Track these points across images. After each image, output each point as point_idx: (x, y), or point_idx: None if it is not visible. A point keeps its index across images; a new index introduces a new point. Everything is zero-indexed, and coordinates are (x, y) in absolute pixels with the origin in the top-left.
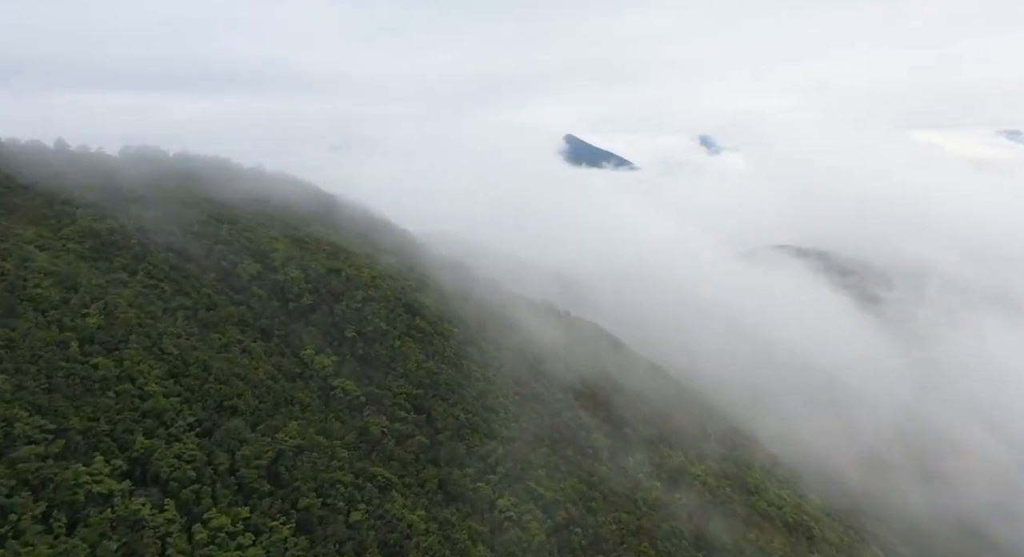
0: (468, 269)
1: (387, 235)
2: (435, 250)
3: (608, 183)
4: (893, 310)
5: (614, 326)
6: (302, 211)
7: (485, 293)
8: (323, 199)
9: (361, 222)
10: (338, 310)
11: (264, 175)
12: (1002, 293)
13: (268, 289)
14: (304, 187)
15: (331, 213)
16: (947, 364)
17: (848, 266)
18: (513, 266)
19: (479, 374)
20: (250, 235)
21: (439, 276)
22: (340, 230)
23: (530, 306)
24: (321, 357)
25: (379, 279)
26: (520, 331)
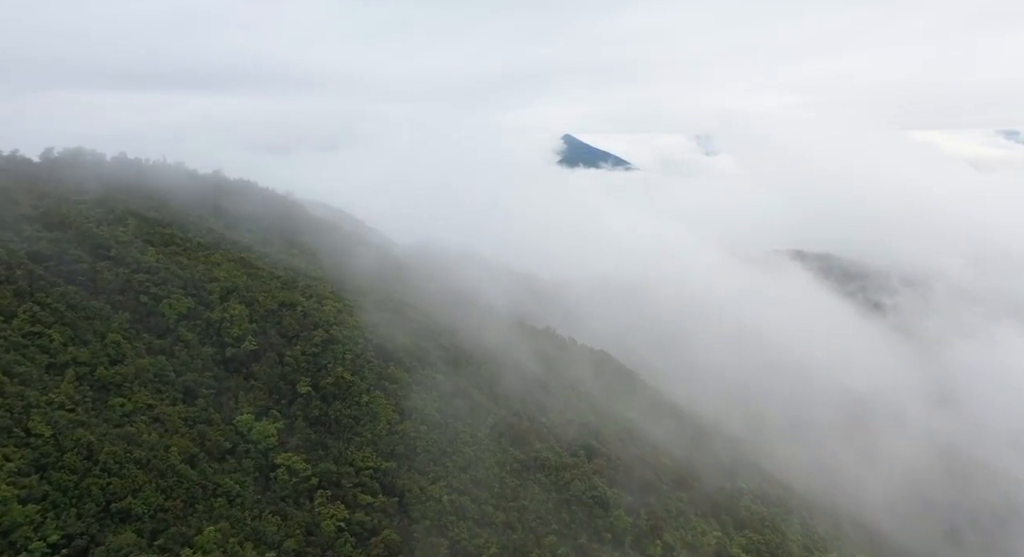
0: (455, 290)
1: (364, 253)
2: (419, 266)
3: (605, 185)
4: (900, 318)
5: (612, 342)
6: (261, 226)
7: (476, 320)
8: (290, 212)
9: (335, 238)
10: (290, 357)
11: (222, 183)
12: (1010, 299)
13: (200, 332)
14: (268, 197)
15: (298, 228)
16: (963, 377)
17: (851, 271)
18: (505, 279)
19: (468, 435)
20: (185, 259)
21: (421, 302)
22: (305, 249)
23: (529, 333)
24: (263, 424)
25: (345, 313)
26: (519, 370)
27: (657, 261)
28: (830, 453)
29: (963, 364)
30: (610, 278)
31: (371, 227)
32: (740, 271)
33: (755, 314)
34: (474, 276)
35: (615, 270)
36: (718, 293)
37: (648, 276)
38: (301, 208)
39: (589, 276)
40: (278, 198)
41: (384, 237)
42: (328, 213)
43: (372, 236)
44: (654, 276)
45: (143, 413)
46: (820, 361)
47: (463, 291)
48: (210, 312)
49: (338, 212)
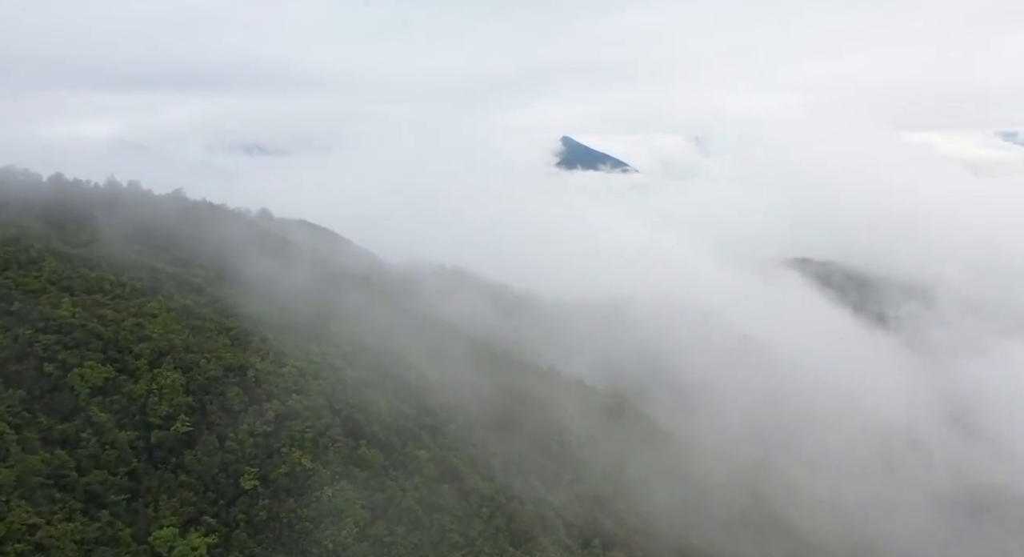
0: (444, 323)
1: (342, 289)
2: (406, 292)
3: (604, 188)
4: (905, 332)
5: (611, 366)
6: (219, 261)
7: (468, 364)
8: (262, 240)
9: (311, 272)
10: (233, 441)
11: (184, 208)
12: (1017, 313)
13: (119, 410)
14: (237, 222)
15: (266, 263)
16: (976, 396)
17: (853, 280)
18: (499, 304)
19: (458, 534)
20: (112, 311)
21: (405, 346)
22: (272, 288)
23: (528, 374)
24: (190, 538)
25: (310, 376)
26: (517, 428)
27: (655, 274)
28: (851, 489)
29: (975, 382)
30: (609, 296)
31: (359, 247)
32: (741, 282)
33: (758, 330)
34: (465, 301)
35: (613, 286)
36: (718, 307)
37: (645, 291)
38: (276, 236)
39: (587, 294)
40: (249, 224)
41: (371, 259)
42: (309, 237)
43: (358, 261)
44: (652, 291)
45: (19, 539)
46: (829, 382)
47: (453, 324)
48: (134, 383)
49: (322, 233)
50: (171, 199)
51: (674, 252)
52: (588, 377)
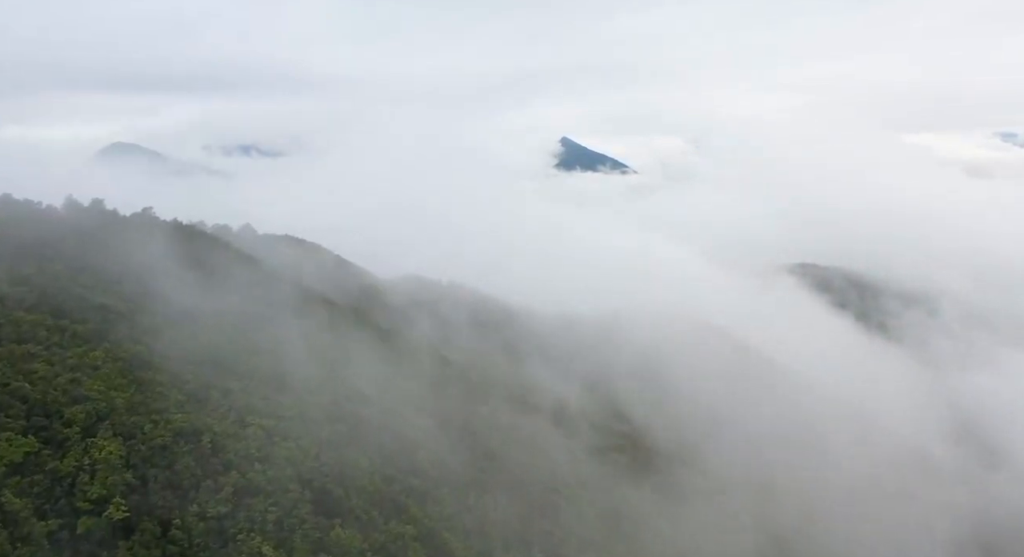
0: (436, 353)
1: (319, 323)
2: (396, 316)
3: (602, 191)
4: (910, 343)
5: (605, 387)
6: (184, 296)
7: (462, 404)
8: (228, 268)
9: (290, 295)
10: (180, 530)
11: (156, 228)
12: (1021, 324)
13: (39, 494)
14: (214, 246)
15: (235, 294)
16: (986, 412)
17: (855, 286)
18: (498, 324)
19: None
20: (44, 364)
21: (393, 392)
22: (238, 325)
23: (535, 411)
24: None
25: (277, 439)
26: (522, 491)
27: (653, 283)
28: (869, 521)
29: (985, 397)
30: (606, 308)
31: (349, 263)
32: (742, 291)
33: (762, 342)
34: (459, 322)
35: (611, 297)
36: (718, 318)
37: (643, 301)
38: (253, 258)
39: (584, 306)
40: (225, 248)
41: (360, 278)
42: (294, 256)
43: (345, 282)
44: (650, 301)
45: None
46: (837, 398)
47: (446, 351)
48: (61, 458)
49: (309, 250)
50: (142, 220)
51: (672, 259)
52: (585, 400)
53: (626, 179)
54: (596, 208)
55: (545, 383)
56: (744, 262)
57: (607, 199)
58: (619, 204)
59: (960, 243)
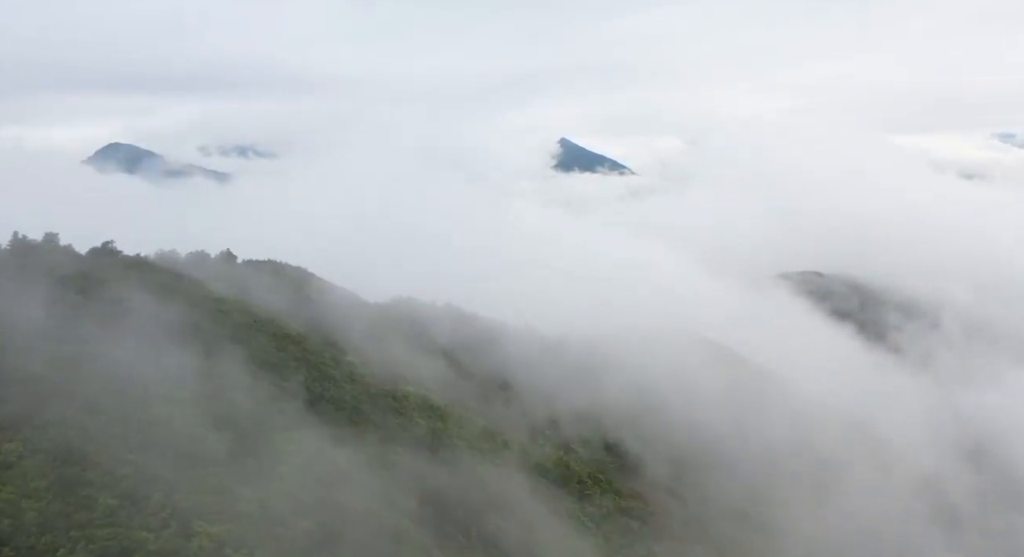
0: (428, 401)
1: (301, 373)
2: (385, 364)
3: (599, 193)
4: (913, 354)
5: (598, 415)
6: (124, 344)
7: (451, 468)
8: (197, 305)
9: (262, 345)
10: None
11: (102, 265)
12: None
13: None
14: (174, 286)
15: (191, 343)
16: (999, 433)
17: (857, 294)
18: (501, 356)
19: None
20: None
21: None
22: (205, 391)
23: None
24: None
25: (231, 548)
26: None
27: (649, 296)
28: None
29: (995, 417)
30: (600, 326)
31: (337, 289)
32: (741, 302)
33: (764, 359)
34: (457, 346)
35: (605, 313)
36: (715, 332)
37: (639, 316)
38: (223, 302)
39: (577, 324)
40: (194, 288)
41: (347, 308)
42: (274, 286)
43: (330, 319)
44: (646, 315)
45: None
46: (847, 421)
47: (439, 399)
48: None
49: (293, 277)
50: (96, 253)
51: (669, 269)
52: (575, 430)
53: (625, 180)
54: (593, 212)
55: (531, 418)
56: (742, 269)
57: (605, 201)
58: (617, 207)
59: (963, 249)
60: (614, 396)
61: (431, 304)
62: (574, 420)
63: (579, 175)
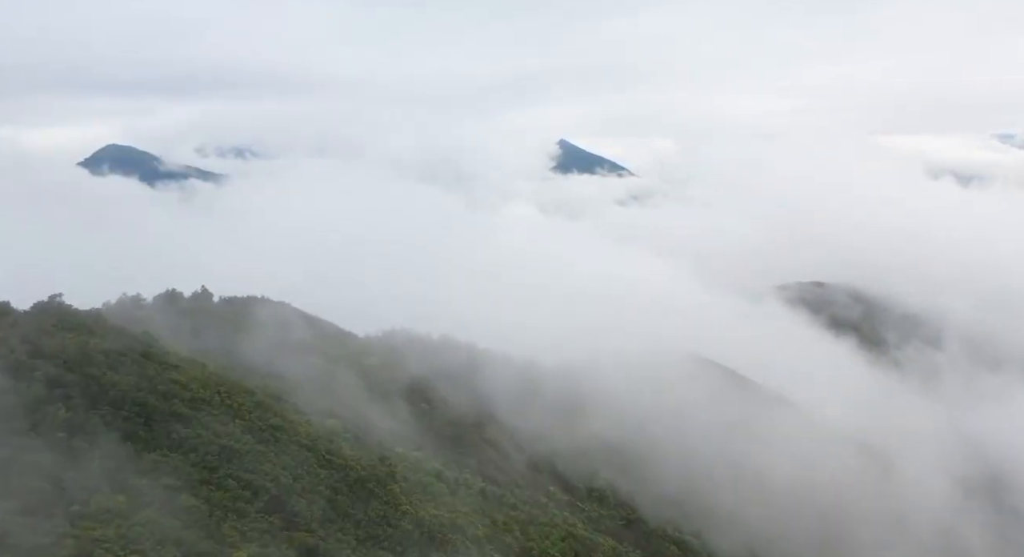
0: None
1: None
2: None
3: (597, 196)
4: (915, 371)
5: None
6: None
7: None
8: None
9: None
10: None
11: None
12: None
13: None
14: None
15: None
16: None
17: (859, 304)
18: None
19: None
20: None
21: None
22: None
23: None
24: None
25: None
26: None
27: (644, 311)
28: None
29: (1007, 438)
30: (590, 348)
31: (322, 324)
32: (739, 316)
33: (764, 379)
34: (433, 377)
35: (595, 333)
36: (715, 351)
37: (632, 336)
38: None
39: (566, 348)
40: (148, 351)
41: (330, 343)
42: (249, 324)
43: (309, 352)
44: (640, 335)
45: None
46: (855, 445)
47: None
48: None
49: (276, 314)
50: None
51: (662, 282)
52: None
53: (624, 182)
54: (589, 216)
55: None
56: (740, 279)
57: (603, 203)
58: (614, 211)
59: (964, 258)
60: (604, 431)
61: (427, 336)
62: (560, 461)
63: (577, 177)
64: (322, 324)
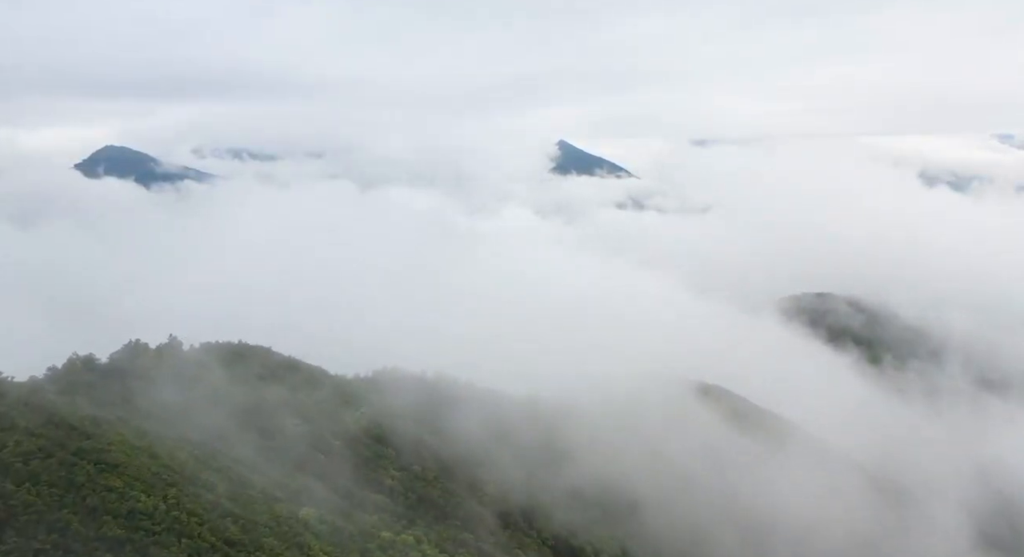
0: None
1: None
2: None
3: (593, 197)
4: (918, 392)
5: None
6: None
7: None
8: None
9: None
10: None
11: None
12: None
13: None
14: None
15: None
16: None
17: (859, 316)
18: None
19: None
20: None
21: None
22: None
23: None
24: None
25: None
26: None
27: (634, 333)
28: None
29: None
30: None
31: (300, 365)
32: (743, 334)
33: (765, 401)
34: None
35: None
36: (712, 367)
37: (625, 360)
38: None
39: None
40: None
41: (312, 382)
42: (216, 380)
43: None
44: (632, 358)
45: None
46: (868, 474)
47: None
48: None
49: (244, 361)
50: None
51: (656, 295)
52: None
53: (622, 183)
54: (586, 220)
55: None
56: (736, 291)
57: (601, 205)
58: (611, 216)
59: (965, 271)
60: (588, 477)
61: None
62: (538, 515)
63: (575, 178)
64: (302, 367)
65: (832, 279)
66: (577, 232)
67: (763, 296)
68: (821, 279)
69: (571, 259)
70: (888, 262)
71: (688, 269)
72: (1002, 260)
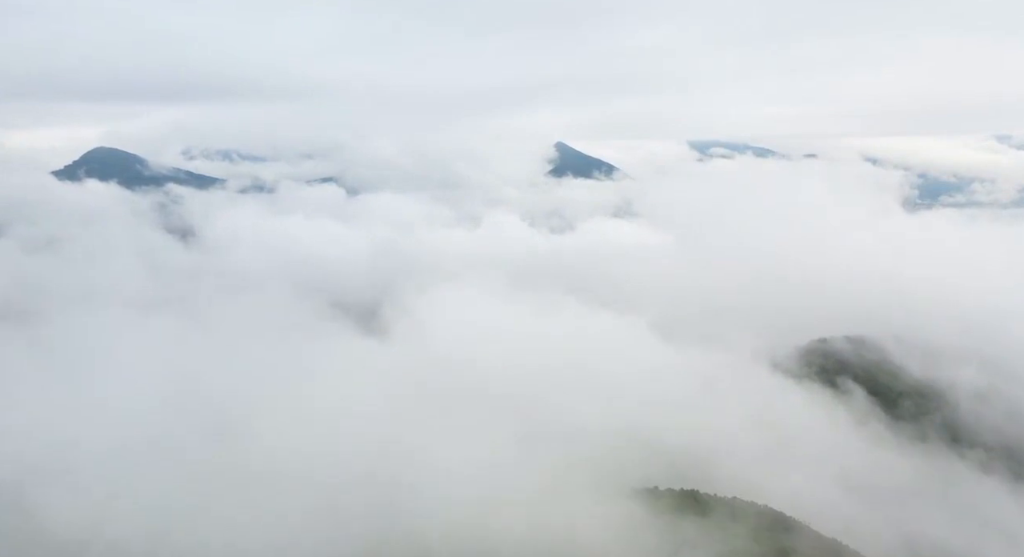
0: None
1: None
2: None
3: (589, 201)
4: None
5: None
6: None
7: None
8: None
9: None
10: None
11: None
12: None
13: None
14: None
15: None
16: None
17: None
18: None
19: None
20: None
21: None
22: None
23: None
24: None
25: None
26: None
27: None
28: None
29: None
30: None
31: None
32: (746, 396)
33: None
34: None
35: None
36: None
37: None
38: None
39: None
40: None
41: None
42: None
43: None
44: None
45: None
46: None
47: None
48: None
49: None
50: None
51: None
52: None
53: (620, 185)
54: (582, 222)
55: None
56: (731, 331)
57: (599, 208)
58: (606, 224)
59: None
60: None
61: None
62: None
63: (571, 181)
64: None
65: (835, 322)
66: (567, 244)
67: (763, 343)
68: (823, 322)
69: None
70: (892, 300)
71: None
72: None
